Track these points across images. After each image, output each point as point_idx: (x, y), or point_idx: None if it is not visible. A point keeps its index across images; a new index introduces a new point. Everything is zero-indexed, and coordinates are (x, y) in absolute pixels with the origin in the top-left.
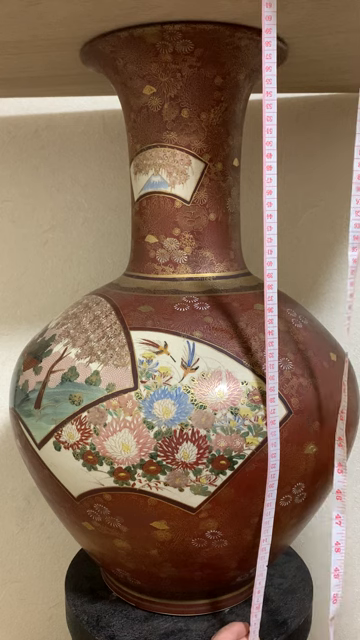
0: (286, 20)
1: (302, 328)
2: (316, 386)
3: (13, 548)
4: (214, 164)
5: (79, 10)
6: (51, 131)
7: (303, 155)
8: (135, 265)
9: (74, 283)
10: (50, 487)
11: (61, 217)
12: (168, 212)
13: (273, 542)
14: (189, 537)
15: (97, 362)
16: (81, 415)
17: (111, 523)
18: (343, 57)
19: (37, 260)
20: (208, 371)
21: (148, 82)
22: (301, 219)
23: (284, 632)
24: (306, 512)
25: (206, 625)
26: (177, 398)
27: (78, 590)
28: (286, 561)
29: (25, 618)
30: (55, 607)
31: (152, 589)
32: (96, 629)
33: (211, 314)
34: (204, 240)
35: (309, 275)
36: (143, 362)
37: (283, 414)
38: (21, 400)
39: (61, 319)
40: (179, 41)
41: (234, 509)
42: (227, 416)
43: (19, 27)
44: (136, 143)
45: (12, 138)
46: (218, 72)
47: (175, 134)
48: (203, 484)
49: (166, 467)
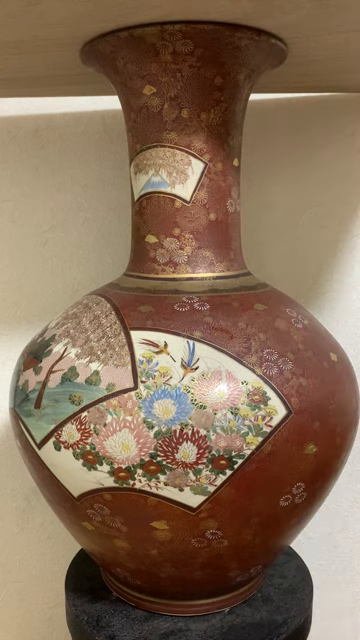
0: (286, 20)
1: (302, 328)
2: (316, 386)
3: (13, 548)
4: (214, 164)
5: (79, 10)
6: (51, 131)
7: (303, 155)
8: (135, 265)
9: (74, 283)
10: (50, 487)
11: (61, 217)
12: (168, 212)
13: (273, 542)
14: (189, 537)
15: (97, 362)
16: (81, 415)
17: (111, 523)
18: (343, 57)
19: (37, 260)
20: (208, 371)
21: (148, 82)
22: (301, 219)
23: (284, 632)
24: (306, 512)
25: (206, 625)
26: (177, 398)
27: (78, 590)
28: (286, 561)
29: (25, 618)
30: (55, 607)
31: (152, 589)
32: (96, 629)
33: (211, 314)
34: (204, 240)
35: (309, 275)
36: (143, 362)
37: (283, 414)
38: (21, 400)
39: (61, 319)
40: (179, 41)
41: (234, 509)
42: (227, 416)
43: (19, 27)
44: (136, 143)
45: (12, 138)
46: (218, 72)
47: (175, 134)
48: (203, 484)
49: (166, 467)
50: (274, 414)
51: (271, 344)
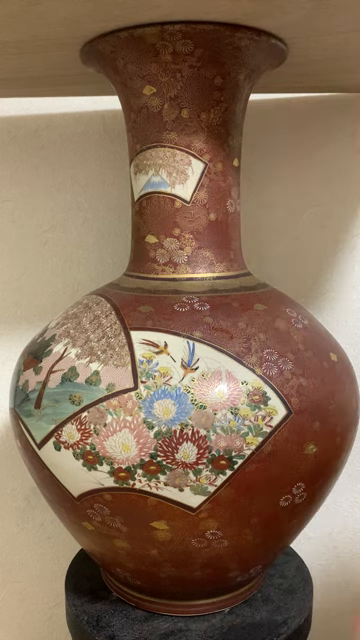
0: (286, 20)
1: (302, 328)
2: (316, 386)
3: (13, 548)
4: (214, 164)
5: (79, 10)
6: (51, 131)
7: (303, 155)
8: (135, 265)
9: (74, 283)
10: (50, 487)
11: (61, 217)
12: (168, 212)
13: (273, 542)
14: (189, 537)
15: (97, 362)
16: (81, 415)
17: (111, 523)
18: (343, 57)
19: (37, 260)
20: (208, 371)
21: (148, 82)
22: (301, 219)
23: (284, 632)
24: (306, 512)
25: (206, 625)
26: (177, 398)
27: (78, 590)
28: (286, 561)
29: (25, 618)
30: (55, 607)
31: (152, 589)
32: (96, 629)
33: (211, 314)
34: (204, 240)
35: (309, 275)
36: (143, 362)
37: (283, 414)
38: (21, 400)
39: (61, 319)
40: (179, 41)
41: (234, 509)
42: (227, 416)
43: (19, 27)
44: (136, 143)
45: (12, 138)
46: (218, 72)
47: (175, 134)
48: (203, 484)
49: (166, 467)
50: (274, 414)
51: (271, 344)
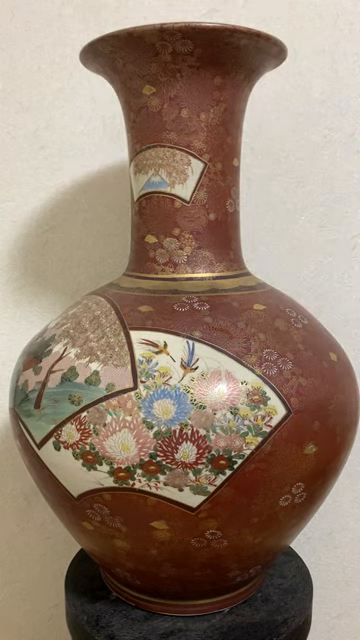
0: None
1: (302, 328)
2: (316, 386)
3: (13, 548)
4: (214, 164)
5: None
6: (51, 131)
7: (303, 155)
8: (135, 265)
9: (74, 283)
10: (50, 487)
11: (61, 217)
12: (168, 212)
13: (273, 542)
14: (189, 537)
15: (97, 362)
16: (81, 415)
17: (111, 523)
18: None
19: (37, 260)
20: (208, 371)
21: (148, 82)
22: (301, 219)
23: (284, 632)
24: (306, 512)
25: (206, 625)
26: (177, 398)
27: (78, 590)
28: (286, 561)
29: (25, 618)
30: (55, 607)
31: (152, 589)
32: (96, 629)
33: (211, 314)
34: (204, 240)
35: (309, 275)
36: (143, 362)
37: (283, 414)
38: (21, 400)
39: (61, 319)
40: (179, 41)
41: (234, 509)
42: (227, 416)
43: None
44: (136, 143)
45: (12, 138)
46: (218, 72)
47: (175, 134)
48: (203, 484)
49: (166, 467)
50: (274, 414)
51: (271, 344)
